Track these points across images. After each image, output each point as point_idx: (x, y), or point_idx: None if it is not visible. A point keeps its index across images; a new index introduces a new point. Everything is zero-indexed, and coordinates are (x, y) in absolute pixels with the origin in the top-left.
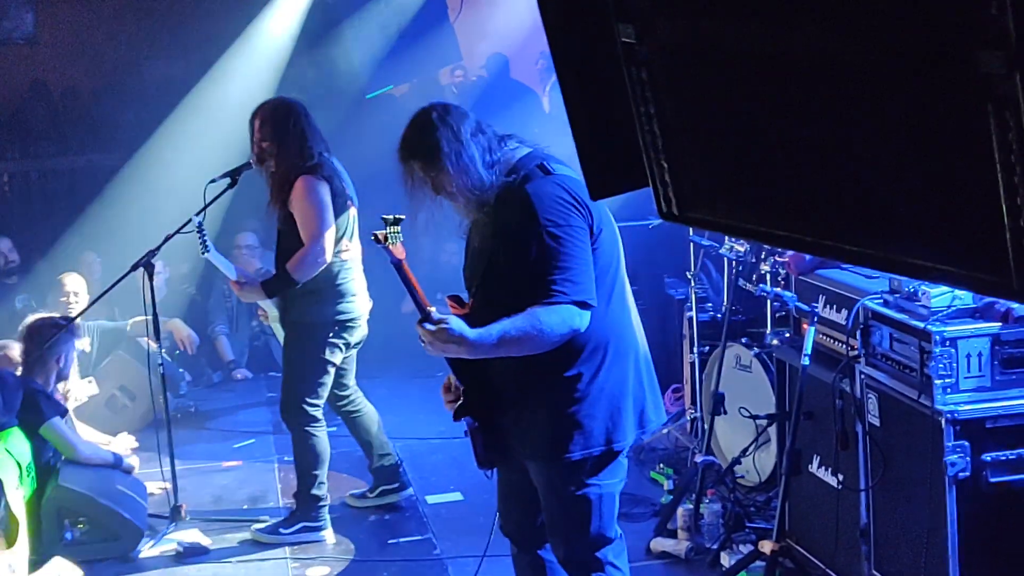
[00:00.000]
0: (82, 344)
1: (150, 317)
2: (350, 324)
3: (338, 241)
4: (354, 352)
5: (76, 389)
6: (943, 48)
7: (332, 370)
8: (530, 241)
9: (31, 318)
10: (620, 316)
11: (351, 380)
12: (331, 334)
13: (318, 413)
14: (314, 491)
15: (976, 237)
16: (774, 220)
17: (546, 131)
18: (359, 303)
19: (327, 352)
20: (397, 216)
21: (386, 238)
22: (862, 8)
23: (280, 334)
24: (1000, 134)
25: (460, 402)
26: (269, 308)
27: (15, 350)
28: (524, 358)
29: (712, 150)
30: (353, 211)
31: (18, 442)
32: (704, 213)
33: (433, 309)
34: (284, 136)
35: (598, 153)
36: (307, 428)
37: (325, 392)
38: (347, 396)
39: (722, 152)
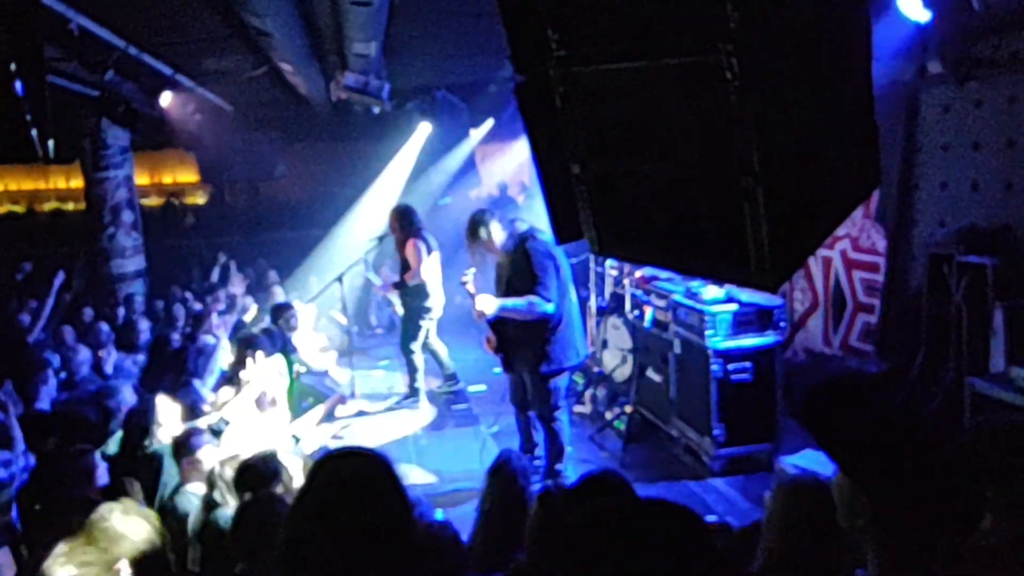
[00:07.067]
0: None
1: (343, 310)
2: (431, 308)
3: (429, 269)
4: (433, 323)
5: (304, 313)
6: (718, 154)
7: (422, 332)
8: (528, 274)
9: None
10: (569, 305)
11: (433, 336)
12: (423, 313)
13: (417, 348)
14: (415, 385)
15: (734, 247)
16: (646, 251)
17: (519, 212)
18: (436, 300)
19: (421, 321)
20: (471, 270)
21: (467, 283)
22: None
23: (400, 312)
24: (751, 201)
25: (497, 346)
26: (396, 300)
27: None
28: (523, 324)
29: (616, 214)
30: (436, 255)
31: (280, 364)
32: (617, 249)
33: (475, 294)
34: (404, 222)
35: (562, 213)
36: (411, 354)
37: (419, 343)
38: (430, 343)
39: (620, 213)
